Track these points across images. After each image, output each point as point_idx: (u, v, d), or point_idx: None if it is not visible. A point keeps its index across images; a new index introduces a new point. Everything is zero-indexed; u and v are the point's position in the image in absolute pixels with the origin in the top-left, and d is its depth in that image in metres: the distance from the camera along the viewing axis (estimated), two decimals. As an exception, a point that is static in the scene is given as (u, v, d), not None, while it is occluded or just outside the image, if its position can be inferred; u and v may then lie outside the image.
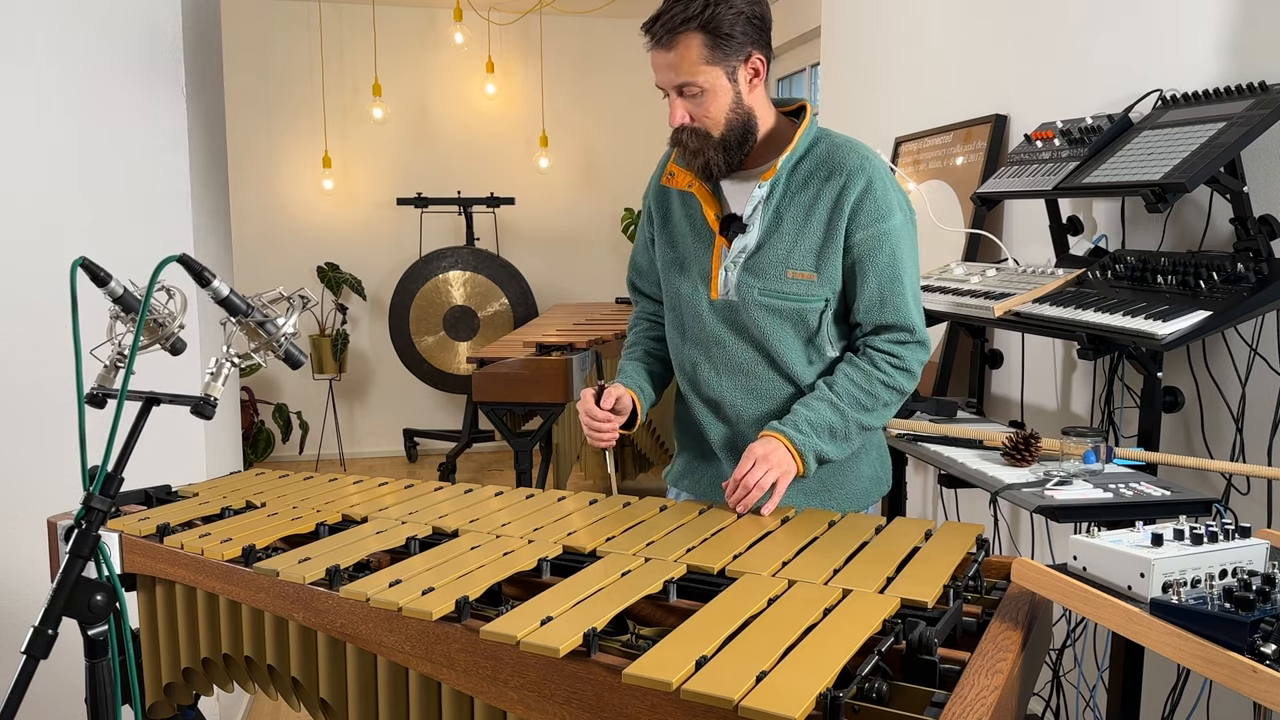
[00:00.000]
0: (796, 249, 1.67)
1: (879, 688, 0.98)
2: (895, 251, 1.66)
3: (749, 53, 1.64)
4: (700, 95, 1.63)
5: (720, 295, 1.73)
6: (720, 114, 1.65)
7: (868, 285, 1.67)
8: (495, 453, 6.43)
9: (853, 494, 1.77)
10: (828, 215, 1.66)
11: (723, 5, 1.59)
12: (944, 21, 3.06)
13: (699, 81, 1.62)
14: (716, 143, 1.66)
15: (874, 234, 1.65)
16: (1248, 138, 1.74)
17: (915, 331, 1.69)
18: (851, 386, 1.66)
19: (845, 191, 1.65)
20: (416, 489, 1.79)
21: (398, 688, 1.26)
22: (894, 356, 1.68)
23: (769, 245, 1.69)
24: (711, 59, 1.61)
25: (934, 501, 3.05)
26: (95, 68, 2.40)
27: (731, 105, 1.65)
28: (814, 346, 1.72)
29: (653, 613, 1.28)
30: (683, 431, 1.89)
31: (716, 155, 1.67)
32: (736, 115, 1.66)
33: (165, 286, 1.50)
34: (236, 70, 5.62)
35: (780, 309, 1.69)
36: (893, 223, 1.66)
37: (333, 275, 5.93)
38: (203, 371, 1.42)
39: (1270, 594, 0.95)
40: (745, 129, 1.68)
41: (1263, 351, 1.86)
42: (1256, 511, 1.86)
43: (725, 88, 1.64)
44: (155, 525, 1.61)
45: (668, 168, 1.79)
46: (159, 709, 1.66)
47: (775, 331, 1.70)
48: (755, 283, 1.69)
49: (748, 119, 1.68)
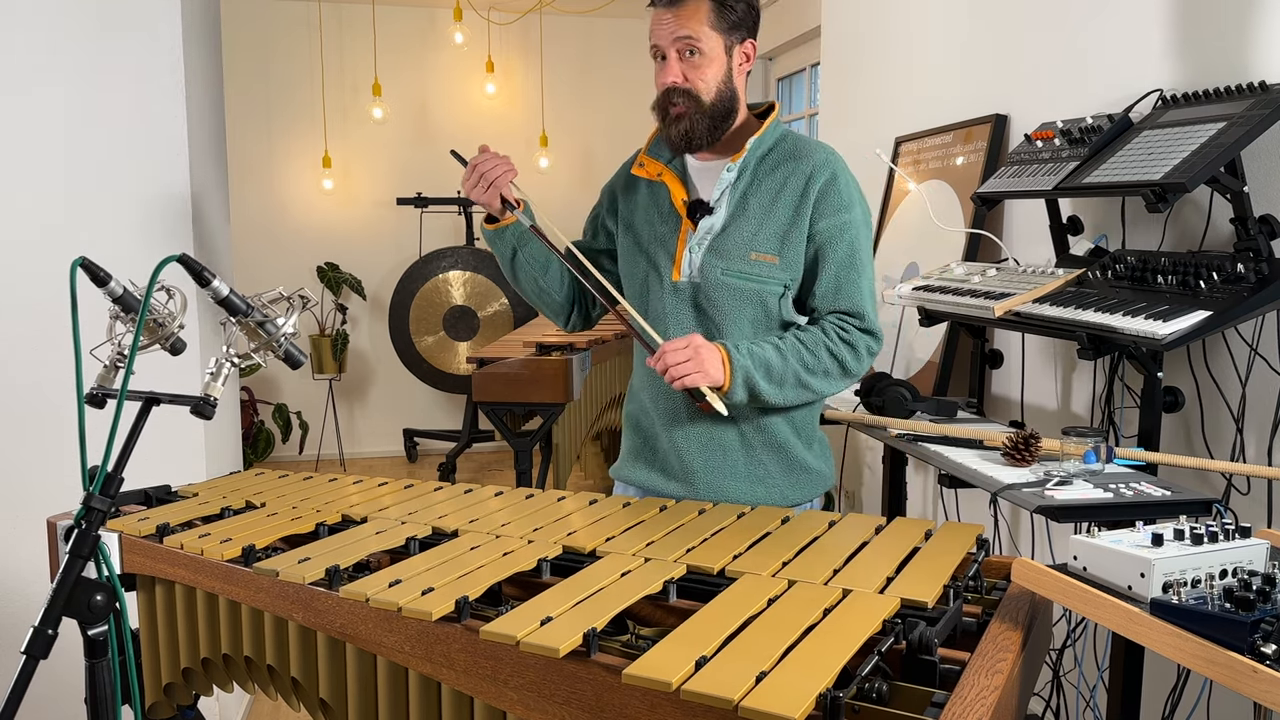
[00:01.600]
0: (762, 231, 1.72)
1: (879, 688, 0.98)
2: (854, 243, 1.72)
3: (745, 36, 1.73)
4: (698, 57, 1.68)
5: (683, 276, 1.77)
6: (713, 81, 1.70)
7: (825, 273, 1.72)
8: (495, 453, 6.43)
9: (797, 487, 1.80)
10: (795, 200, 1.71)
11: None
12: (944, 21, 3.06)
13: (701, 42, 1.67)
14: (706, 108, 1.71)
15: (836, 223, 1.71)
16: (1248, 138, 1.74)
17: (866, 319, 1.74)
18: (798, 343, 1.70)
19: (812, 179, 1.71)
20: (416, 489, 1.79)
21: (397, 688, 1.26)
22: (844, 330, 1.73)
23: (734, 227, 1.74)
24: (716, 25, 1.68)
25: (934, 501, 3.05)
26: (95, 68, 2.40)
27: (723, 78, 1.71)
28: (768, 331, 1.76)
29: (653, 613, 1.28)
30: (630, 424, 1.92)
31: (701, 121, 1.71)
32: (725, 89, 1.72)
33: (165, 286, 1.50)
34: (236, 70, 5.63)
35: (742, 289, 1.73)
36: (854, 214, 1.72)
37: (333, 275, 5.93)
38: (203, 371, 1.42)
39: (1270, 594, 0.95)
40: (729, 106, 1.74)
41: (1263, 351, 1.86)
42: (1256, 511, 1.86)
43: (721, 58, 1.70)
44: (155, 525, 1.61)
45: (639, 158, 1.84)
46: (159, 709, 1.66)
47: (733, 313, 1.74)
48: (719, 263, 1.74)
49: (733, 97, 1.74)
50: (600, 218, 1.95)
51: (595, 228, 1.96)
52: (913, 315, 2.73)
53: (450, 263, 5.95)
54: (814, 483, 1.83)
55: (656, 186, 1.82)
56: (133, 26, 2.42)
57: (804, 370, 1.69)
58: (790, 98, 5.31)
